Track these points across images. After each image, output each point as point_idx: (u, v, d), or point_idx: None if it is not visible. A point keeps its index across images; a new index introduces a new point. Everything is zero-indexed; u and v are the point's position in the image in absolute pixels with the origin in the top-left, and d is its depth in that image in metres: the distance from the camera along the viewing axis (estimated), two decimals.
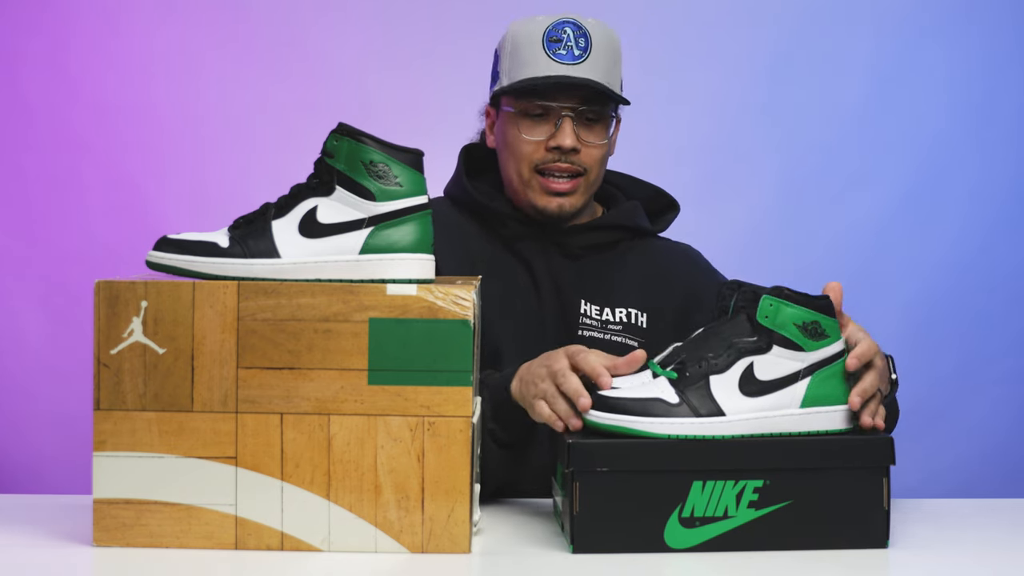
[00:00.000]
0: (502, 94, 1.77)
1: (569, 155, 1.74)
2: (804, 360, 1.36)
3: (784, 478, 1.33)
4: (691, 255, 1.91)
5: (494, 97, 1.81)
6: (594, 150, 1.75)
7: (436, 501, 1.30)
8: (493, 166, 1.89)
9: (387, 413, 1.30)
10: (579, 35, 1.73)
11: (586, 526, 1.32)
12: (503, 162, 1.81)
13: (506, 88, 1.75)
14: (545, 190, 1.76)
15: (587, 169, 1.76)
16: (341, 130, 1.32)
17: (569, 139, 1.72)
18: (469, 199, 1.83)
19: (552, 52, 1.72)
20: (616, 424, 1.33)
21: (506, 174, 1.80)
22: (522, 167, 1.76)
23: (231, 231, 1.33)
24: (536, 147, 1.75)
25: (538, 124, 1.75)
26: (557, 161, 1.74)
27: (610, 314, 1.79)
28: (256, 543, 1.30)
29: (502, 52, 1.78)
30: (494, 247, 1.81)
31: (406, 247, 1.32)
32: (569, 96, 1.73)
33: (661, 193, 1.92)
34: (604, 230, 1.83)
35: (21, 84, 2.93)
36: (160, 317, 1.30)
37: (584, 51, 1.72)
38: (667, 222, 1.91)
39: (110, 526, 1.30)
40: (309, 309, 1.30)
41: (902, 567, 1.31)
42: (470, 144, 1.90)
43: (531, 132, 1.74)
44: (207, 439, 1.30)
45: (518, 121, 1.75)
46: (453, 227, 1.80)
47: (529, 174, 1.76)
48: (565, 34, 1.73)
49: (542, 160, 1.74)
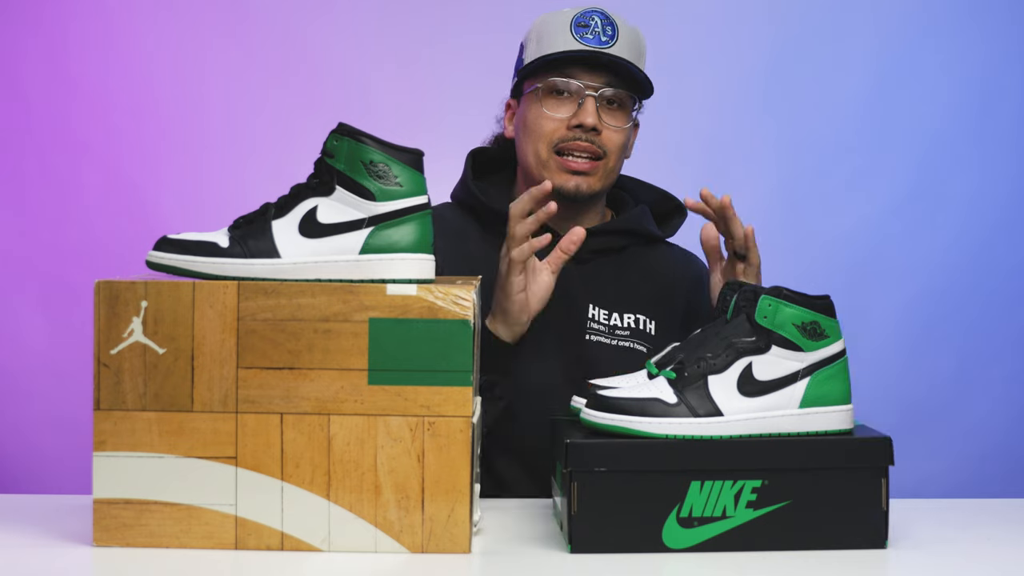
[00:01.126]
0: (526, 76, 1.78)
1: (590, 134, 1.74)
2: (803, 360, 1.36)
3: (783, 478, 1.33)
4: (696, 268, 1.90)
5: (516, 86, 1.81)
6: (615, 135, 1.76)
7: (436, 501, 1.30)
8: (500, 170, 1.89)
9: (387, 413, 1.30)
10: (606, 23, 1.75)
11: (584, 526, 1.32)
12: (521, 146, 1.81)
13: (531, 63, 1.75)
14: (563, 169, 1.75)
15: (607, 152, 1.75)
16: (341, 130, 1.33)
17: (591, 117, 1.73)
18: (475, 201, 1.83)
19: (580, 36, 1.73)
20: (614, 424, 1.33)
21: (523, 158, 1.80)
22: (540, 146, 1.76)
23: (231, 231, 1.33)
24: (558, 125, 1.75)
25: (561, 103, 1.75)
26: (578, 140, 1.74)
27: (618, 319, 1.79)
28: (256, 543, 1.31)
29: (528, 42, 1.79)
30: (498, 251, 1.81)
31: (406, 247, 1.32)
32: (593, 76, 1.74)
33: (668, 196, 1.92)
34: (613, 235, 1.83)
35: (21, 84, 2.93)
36: (160, 317, 1.30)
37: (611, 38, 1.74)
38: (675, 227, 1.90)
39: (110, 526, 1.31)
40: (309, 309, 1.30)
41: (901, 567, 1.31)
42: (477, 148, 1.90)
43: (554, 110, 1.75)
44: (207, 439, 1.30)
45: (542, 99, 1.75)
46: (455, 232, 1.80)
47: (547, 154, 1.76)
48: (593, 20, 1.74)
49: (563, 139, 1.74)
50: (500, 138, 1.90)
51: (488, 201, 1.82)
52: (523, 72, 1.78)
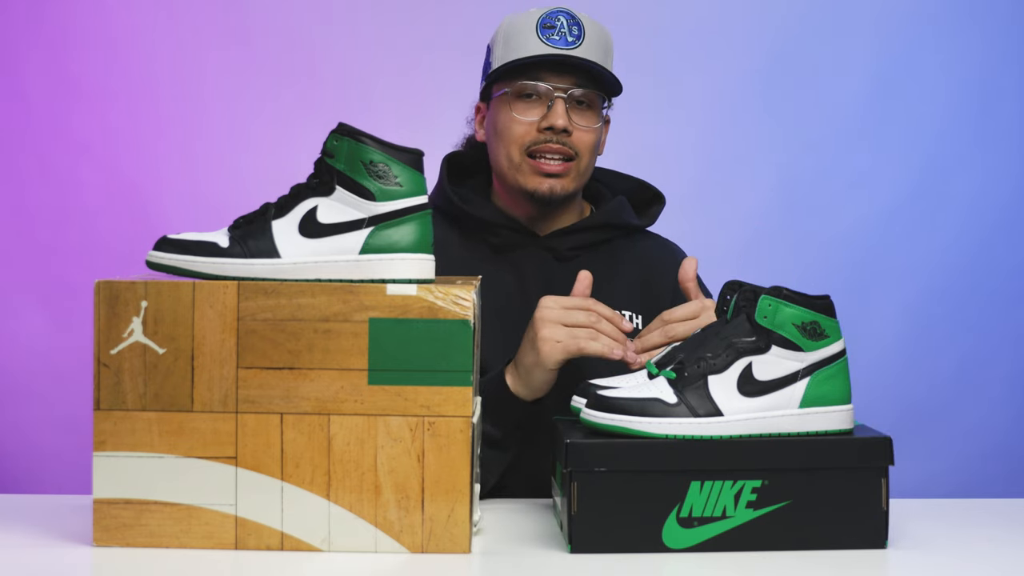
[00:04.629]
0: (495, 80, 1.77)
1: (561, 136, 1.73)
2: (803, 360, 1.36)
3: (783, 478, 1.33)
4: (678, 257, 1.89)
5: (485, 89, 1.81)
6: (585, 135, 1.75)
7: (436, 501, 1.30)
8: (476, 172, 1.89)
9: (387, 413, 1.30)
10: (572, 23, 1.74)
11: (584, 526, 1.32)
12: (493, 150, 1.80)
13: (499, 69, 1.75)
14: (536, 171, 1.75)
15: (578, 153, 1.75)
16: (341, 130, 1.33)
17: (561, 119, 1.72)
18: (452, 207, 1.81)
19: (546, 37, 1.73)
20: (614, 424, 1.33)
21: (496, 161, 1.80)
22: (512, 150, 1.75)
23: (231, 231, 1.33)
24: (528, 128, 1.74)
25: (531, 106, 1.74)
26: (549, 142, 1.73)
27: None
28: (256, 543, 1.31)
29: (494, 44, 1.78)
30: (479, 256, 1.80)
31: (406, 247, 1.32)
32: (562, 77, 1.73)
33: (644, 185, 1.92)
34: (593, 230, 1.83)
35: (21, 84, 2.93)
36: (160, 317, 1.30)
37: (577, 38, 1.73)
38: (654, 215, 1.90)
39: (110, 526, 1.31)
40: (309, 309, 1.30)
41: (901, 567, 1.31)
42: (451, 153, 1.90)
43: (524, 113, 1.74)
44: (207, 439, 1.30)
45: (511, 103, 1.75)
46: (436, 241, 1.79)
47: (520, 157, 1.75)
48: (559, 21, 1.73)
49: (534, 141, 1.74)
50: (472, 140, 1.89)
51: (470, 209, 1.80)
52: (491, 77, 1.78)
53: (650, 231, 1.92)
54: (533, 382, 1.58)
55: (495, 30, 1.80)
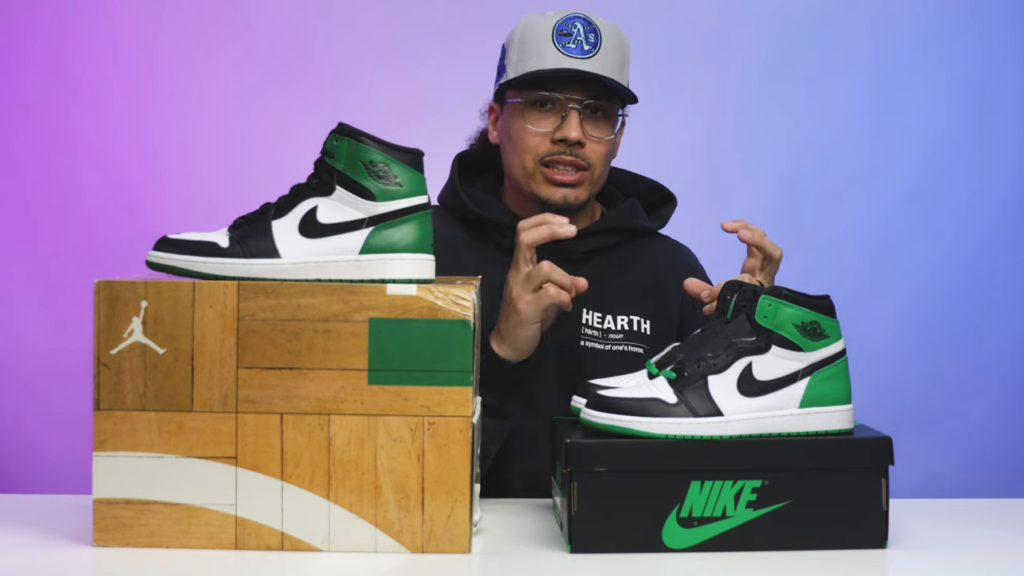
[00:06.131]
0: (508, 87, 1.76)
1: (574, 148, 1.72)
2: (803, 360, 1.36)
3: (783, 478, 1.33)
4: (689, 262, 1.90)
5: (499, 92, 1.80)
6: (599, 146, 1.74)
7: (436, 501, 1.30)
8: (487, 172, 1.88)
9: (387, 413, 1.30)
10: (589, 31, 1.72)
11: (584, 526, 1.32)
12: (506, 156, 1.80)
13: (513, 80, 1.74)
14: (550, 181, 1.74)
15: (591, 165, 1.74)
16: (341, 130, 1.32)
17: (575, 131, 1.71)
18: (463, 208, 1.81)
19: (562, 46, 1.71)
20: (614, 424, 1.33)
21: (509, 168, 1.79)
22: (526, 159, 1.75)
23: (231, 231, 1.33)
24: (542, 139, 1.73)
25: (544, 116, 1.74)
26: (562, 154, 1.73)
27: (611, 322, 1.78)
28: (256, 543, 1.31)
29: (510, 46, 1.77)
30: (489, 257, 1.80)
31: (406, 247, 1.32)
32: (576, 89, 1.72)
33: (657, 187, 1.91)
34: (605, 234, 1.82)
35: (21, 84, 2.93)
36: (160, 317, 1.30)
37: (594, 47, 1.71)
38: (665, 217, 1.89)
39: (110, 526, 1.31)
40: (309, 309, 1.30)
41: (901, 567, 1.31)
42: (463, 152, 1.89)
43: (537, 124, 1.73)
44: (207, 439, 1.30)
45: (524, 112, 1.74)
46: (445, 241, 1.79)
47: (534, 166, 1.75)
48: (575, 28, 1.72)
49: (547, 152, 1.73)
50: (485, 135, 1.89)
51: (481, 211, 1.80)
52: (505, 84, 1.77)
53: (661, 233, 1.92)
54: (518, 342, 1.61)
55: (512, 29, 1.78)
